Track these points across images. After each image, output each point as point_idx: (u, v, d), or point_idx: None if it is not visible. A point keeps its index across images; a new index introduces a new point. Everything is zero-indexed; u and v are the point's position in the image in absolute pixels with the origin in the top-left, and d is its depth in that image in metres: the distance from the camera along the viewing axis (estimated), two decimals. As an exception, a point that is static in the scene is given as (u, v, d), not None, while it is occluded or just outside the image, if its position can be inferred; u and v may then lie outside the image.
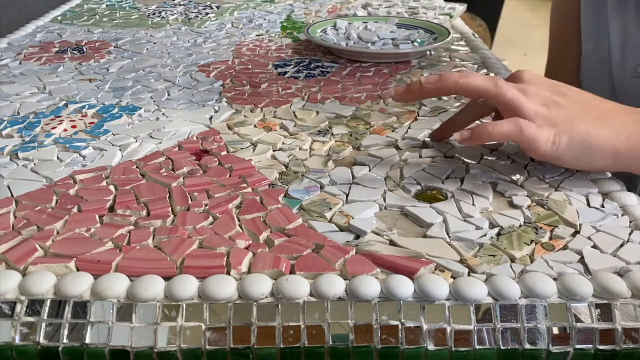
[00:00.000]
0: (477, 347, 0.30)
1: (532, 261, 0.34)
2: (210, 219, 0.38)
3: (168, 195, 0.40)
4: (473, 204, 0.39)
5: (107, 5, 0.99)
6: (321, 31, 0.78)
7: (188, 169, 0.44)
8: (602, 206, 0.39)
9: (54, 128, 0.50)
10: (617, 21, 0.68)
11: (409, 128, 0.52)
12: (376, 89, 0.62)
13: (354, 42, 0.75)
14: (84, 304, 0.31)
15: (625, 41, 0.67)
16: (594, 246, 0.35)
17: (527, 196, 0.40)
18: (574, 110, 0.40)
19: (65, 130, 0.51)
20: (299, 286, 0.31)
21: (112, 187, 0.41)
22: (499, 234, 0.36)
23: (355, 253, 0.34)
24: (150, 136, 0.50)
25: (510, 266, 0.33)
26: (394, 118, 0.54)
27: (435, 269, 0.33)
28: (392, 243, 0.35)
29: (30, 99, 0.58)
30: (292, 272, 0.33)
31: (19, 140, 0.49)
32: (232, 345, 0.30)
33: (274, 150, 0.48)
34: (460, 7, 0.96)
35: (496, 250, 0.35)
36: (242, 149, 0.48)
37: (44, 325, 0.30)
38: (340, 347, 0.30)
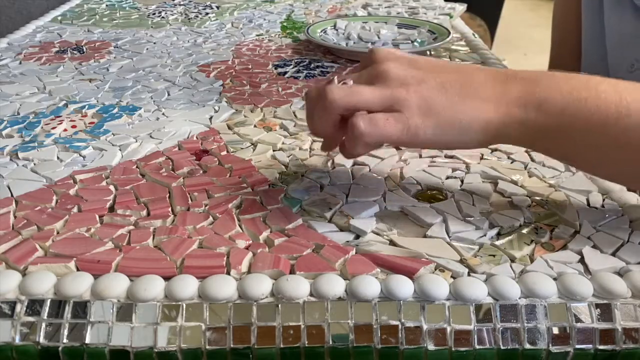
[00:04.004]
0: (477, 347, 0.30)
1: (532, 261, 0.34)
2: (210, 219, 0.38)
3: (168, 195, 0.40)
4: (473, 204, 0.39)
5: (107, 5, 0.99)
6: (321, 31, 0.78)
7: (188, 169, 0.44)
8: (602, 206, 0.39)
9: (54, 128, 0.50)
10: (613, 16, 0.68)
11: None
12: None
13: (354, 42, 0.75)
14: (84, 304, 0.31)
15: (621, 36, 0.67)
16: (594, 246, 0.35)
17: (527, 196, 0.40)
18: (435, 84, 0.35)
19: (65, 130, 0.51)
20: (299, 286, 0.31)
21: (112, 187, 0.41)
22: (499, 234, 0.36)
23: (355, 253, 0.34)
24: (150, 136, 0.50)
25: (510, 266, 0.33)
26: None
27: (435, 269, 0.33)
28: (392, 243, 0.35)
29: (30, 99, 0.58)
30: (292, 272, 0.33)
31: (19, 140, 0.49)
32: (232, 345, 0.30)
33: (274, 150, 0.48)
34: (460, 7, 0.96)
35: (496, 250, 0.35)
36: (242, 149, 0.48)
37: (44, 325, 0.30)
38: (340, 347, 0.30)
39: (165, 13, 0.94)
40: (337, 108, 0.35)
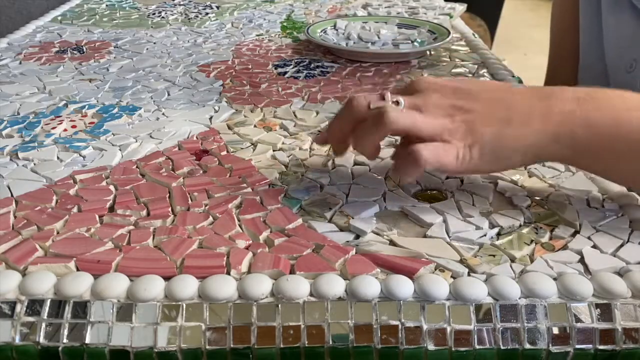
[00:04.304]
0: (477, 347, 0.30)
1: (532, 261, 0.34)
2: (210, 219, 0.38)
3: (168, 195, 0.40)
4: (473, 204, 0.39)
5: (107, 5, 0.99)
6: (321, 31, 0.78)
7: (188, 169, 0.44)
8: (602, 206, 0.39)
9: (54, 128, 0.50)
10: (611, 16, 0.68)
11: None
12: (376, 89, 0.62)
13: (354, 42, 0.75)
14: (84, 304, 0.31)
15: (620, 36, 0.67)
16: (594, 246, 0.35)
17: (527, 196, 0.40)
18: (478, 113, 0.36)
19: (65, 130, 0.51)
20: (299, 286, 0.31)
21: (112, 187, 0.41)
22: (499, 234, 0.36)
23: (355, 253, 0.34)
24: (150, 136, 0.50)
25: (510, 266, 0.33)
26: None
27: (435, 269, 0.33)
28: (392, 243, 0.35)
29: (30, 99, 0.58)
30: (292, 272, 0.33)
31: (19, 140, 0.49)
32: (232, 345, 0.30)
33: (274, 150, 0.48)
34: (460, 7, 0.96)
35: (496, 250, 0.35)
36: (242, 149, 0.48)
37: (44, 325, 0.30)
38: (340, 347, 0.30)
39: (165, 13, 0.94)
40: (393, 129, 0.36)
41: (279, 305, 0.31)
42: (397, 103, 0.37)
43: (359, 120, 0.38)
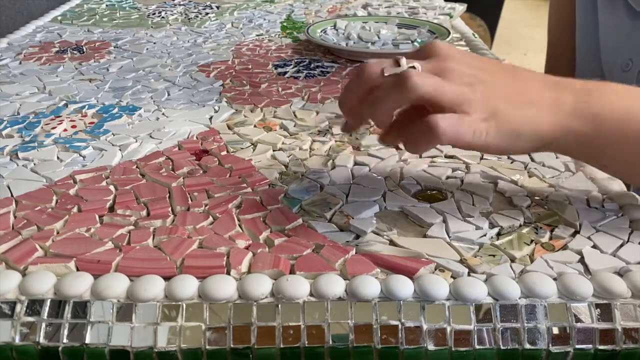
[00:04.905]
0: (477, 347, 0.30)
1: (532, 261, 0.34)
2: (210, 219, 0.38)
3: (168, 195, 0.40)
4: (473, 204, 0.39)
5: (107, 5, 0.99)
6: (321, 31, 0.78)
7: (188, 169, 0.44)
8: (602, 206, 0.39)
9: (54, 128, 0.50)
10: (607, 15, 0.68)
11: (409, 128, 0.52)
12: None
13: (354, 42, 0.75)
14: (84, 304, 0.31)
15: (615, 35, 0.67)
16: (594, 246, 0.35)
17: (527, 196, 0.40)
18: (497, 87, 0.35)
19: (65, 130, 0.51)
20: (299, 286, 0.31)
21: (112, 187, 0.41)
22: (499, 234, 0.36)
23: (355, 253, 0.34)
24: (150, 136, 0.50)
25: (510, 266, 0.33)
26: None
27: (435, 269, 0.33)
28: (392, 243, 0.35)
29: (30, 99, 0.58)
30: (292, 272, 0.33)
31: (19, 140, 0.49)
32: (232, 345, 0.30)
33: (274, 150, 0.48)
34: (460, 7, 0.96)
35: (496, 250, 0.35)
36: (242, 149, 0.48)
37: (44, 325, 0.30)
38: (340, 347, 0.30)
39: (165, 13, 0.94)
40: (417, 94, 0.33)
41: (279, 305, 0.31)
42: (413, 68, 0.35)
43: (373, 89, 0.36)
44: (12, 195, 0.40)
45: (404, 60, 0.35)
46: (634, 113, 0.35)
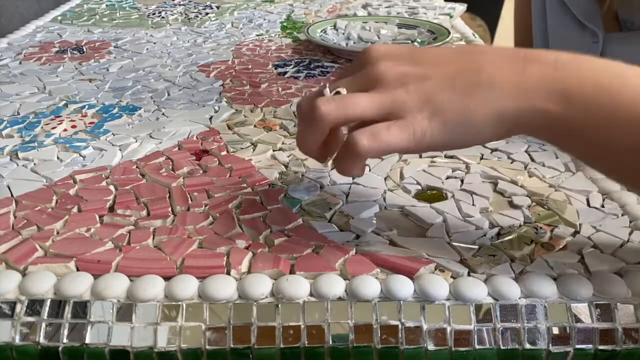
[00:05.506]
0: (477, 347, 0.30)
1: (532, 261, 0.34)
2: (210, 219, 0.38)
3: (168, 195, 0.40)
4: (473, 204, 0.39)
5: (107, 5, 0.99)
6: (321, 31, 0.78)
7: (188, 169, 0.44)
8: (602, 206, 0.39)
9: (54, 128, 0.50)
10: (555, 21, 0.69)
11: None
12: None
13: (354, 42, 0.75)
14: (84, 304, 0.31)
15: (565, 41, 0.67)
16: (594, 246, 0.35)
17: (527, 196, 0.40)
18: (437, 78, 0.31)
19: (65, 130, 0.51)
20: (299, 286, 0.31)
21: (112, 187, 0.41)
22: (499, 234, 0.36)
23: (355, 253, 0.34)
24: (150, 136, 0.50)
25: (510, 266, 0.33)
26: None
27: (435, 269, 0.33)
28: (392, 243, 0.35)
29: (30, 99, 0.58)
30: (292, 272, 0.33)
31: (19, 140, 0.48)
32: (232, 345, 0.30)
33: (274, 150, 0.48)
34: (460, 7, 0.96)
35: (496, 250, 0.35)
36: (242, 149, 0.48)
37: (44, 325, 0.30)
38: (340, 347, 0.30)
39: (165, 13, 0.94)
40: (328, 123, 0.31)
41: (279, 305, 0.31)
42: (337, 93, 0.32)
43: None
44: (12, 195, 0.40)
45: (327, 90, 0.33)
46: (605, 89, 0.29)
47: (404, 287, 0.31)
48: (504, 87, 0.30)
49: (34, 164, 0.45)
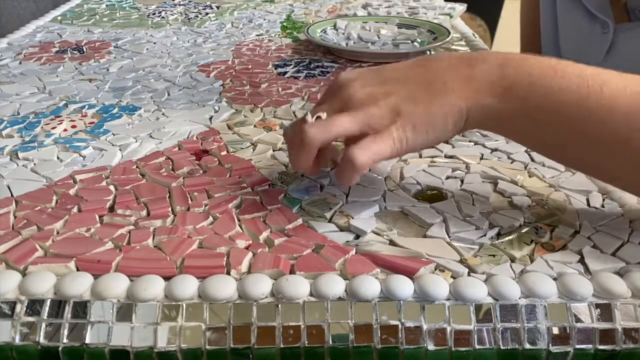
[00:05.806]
0: (477, 347, 0.30)
1: (532, 261, 0.34)
2: (210, 219, 0.38)
3: (168, 195, 0.40)
4: (473, 204, 0.39)
5: (107, 5, 0.99)
6: (321, 31, 0.78)
7: (188, 169, 0.44)
8: (602, 206, 0.39)
9: (54, 128, 0.50)
10: (566, 15, 0.68)
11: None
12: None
13: (354, 42, 0.75)
14: (84, 304, 0.31)
15: (576, 38, 0.67)
16: (594, 246, 0.35)
17: (527, 196, 0.40)
18: (401, 92, 0.36)
19: (65, 130, 0.51)
20: (299, 286, 0.31)
21: (112, 187, 0.41)
22: (499, 234, 0.36)
23: (355, 253, 0.34)
24: (150, 136, 0.50)
25: (510, 266, 0.33)
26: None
27: (435, 269, 0.33)
28: (392, 243, 0.35)
29: (30, 99, 0.58)
30: (292, 272, 0.33)
31: (19, 140, 0.48)
32: (232, 345, 0.30)
33: (274, 150, 0.48)
34: (460, 7, 0.96)
35: (496, 250, 0.35)
36: (242, 149, 0.48)
37: (44, 325, 0.30)
38: (340, 347, 0.30)
39: (165, 13, 0.94)
40: (317, 144, 0.35)
41: (279, 305, 0.31)
42: (318, 118, 0.36)
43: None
44: (12, 195, 0.40)
45: (309, 116, 0.37)
46: (538, 83, 0.34)
47: (404, 287, 0.31)
48: (456, 90, 0.35)
49: (34, 164, 0.45)
